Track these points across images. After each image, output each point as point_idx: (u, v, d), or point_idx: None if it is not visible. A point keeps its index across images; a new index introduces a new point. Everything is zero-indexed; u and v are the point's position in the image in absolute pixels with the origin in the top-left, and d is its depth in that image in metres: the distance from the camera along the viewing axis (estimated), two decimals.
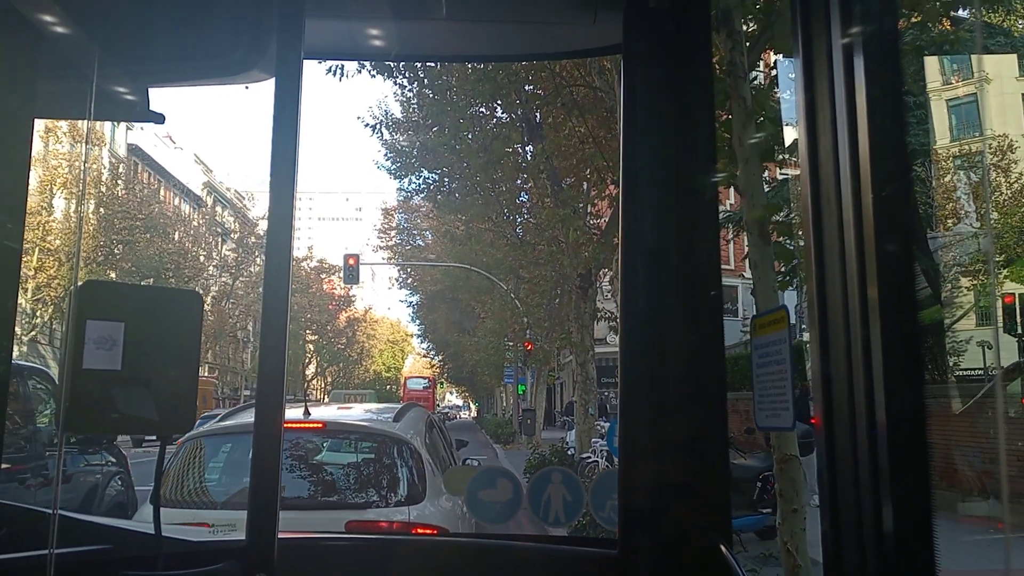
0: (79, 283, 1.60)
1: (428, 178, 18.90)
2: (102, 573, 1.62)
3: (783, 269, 4.52)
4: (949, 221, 21.21)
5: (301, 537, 1.88)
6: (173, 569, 1.63)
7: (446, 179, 17.85)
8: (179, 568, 1.63)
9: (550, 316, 22.02)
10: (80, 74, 1.71)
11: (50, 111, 2.22)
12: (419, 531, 4.27)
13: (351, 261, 27.98)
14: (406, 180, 21.13)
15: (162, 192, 46.11)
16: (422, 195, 22.01)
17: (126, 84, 1.77)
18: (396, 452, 4.85)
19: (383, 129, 18.76)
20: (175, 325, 1.63)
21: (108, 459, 9.41)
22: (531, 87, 12.35)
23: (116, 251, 33.45)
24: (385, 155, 20.93)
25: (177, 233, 41.08)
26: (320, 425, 5.06)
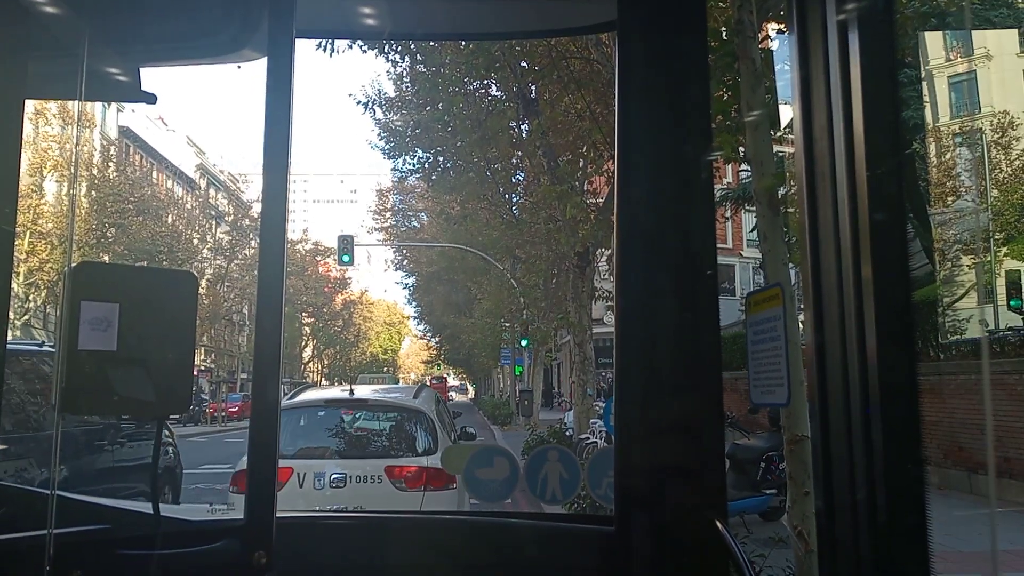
0: (73, 264, 1.60)
1: (422, 158, 18.83)
2: (101, 553, 1.64)
3: (793, 241, 4.27)
4: (950, 198, 21.20)
5: (299, 515, 1.91)
6: (171, 548, 1.64)
7: (440, 158, 17.77)
8: (177, 547, 1.65)
9: (547, 296, 22.02)
10: (70, 54, 1.71)
11: (41, 91, 2.23)
12: (433, 476, 6.27)
13: (345, 242, 27.83)
14: (400, 160, 21.07)
15: (155, 175, 45.89)
16: (417, 175, 21.96)
17: (117, 64, 1.76)
18: (416, 420, 7.03)
19: (375, 108, 18.66)
20: (170, 306, 1.64)
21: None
22: (526, 62, 12.24)
23: (109, 234, 33.33)
24: (379, 135, 20.88)
25: (170, 216, 40.90)
26: (364, 401, 7.31)
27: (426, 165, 18.63)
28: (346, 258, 27.83)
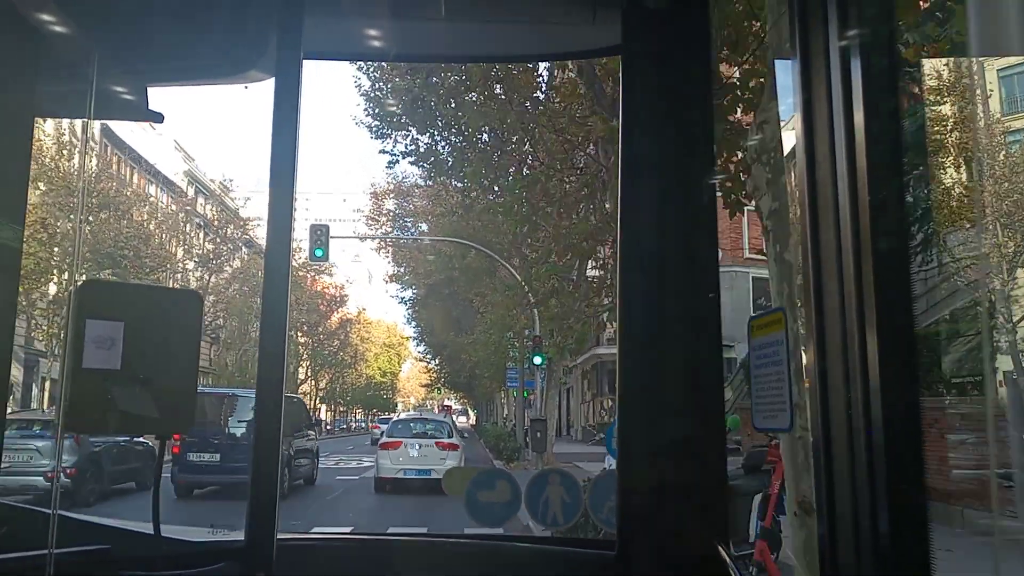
0: (79, 282, 1.74)
1: (417, 139, 17.14)
2: (101, 573, 1.75)
3: None
4: (1005, 202, 20.64)
5: (300, 537, 2.02)
6: (171, 569, 1.75)
7: (437, 137, 16.42)
8: (178, 568, 1.76)
9: (568, 297, 19.23)
10: (80, 74, 1.84)
11: (50, 110, 2.37)
12: (452, 444, 20.04)
13: (318, 233, 24.43)
14: (391, 141, 18.64)
15: (135, 178, 45.39)
16: (409, 159, 19.21)
17: (125, 84, 1.90)
18: (447, 425, 22.34)
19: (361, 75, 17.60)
20: (174, 325, 1.76)
21: (308, 434, 20.72)
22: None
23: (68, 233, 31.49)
24: (365, 110, 18.84)
25: (136, 212, 38.48)
26: (424, 418, 24.83)
27: (422, 146, 17.14)
28: (319, 252, 24.85)
